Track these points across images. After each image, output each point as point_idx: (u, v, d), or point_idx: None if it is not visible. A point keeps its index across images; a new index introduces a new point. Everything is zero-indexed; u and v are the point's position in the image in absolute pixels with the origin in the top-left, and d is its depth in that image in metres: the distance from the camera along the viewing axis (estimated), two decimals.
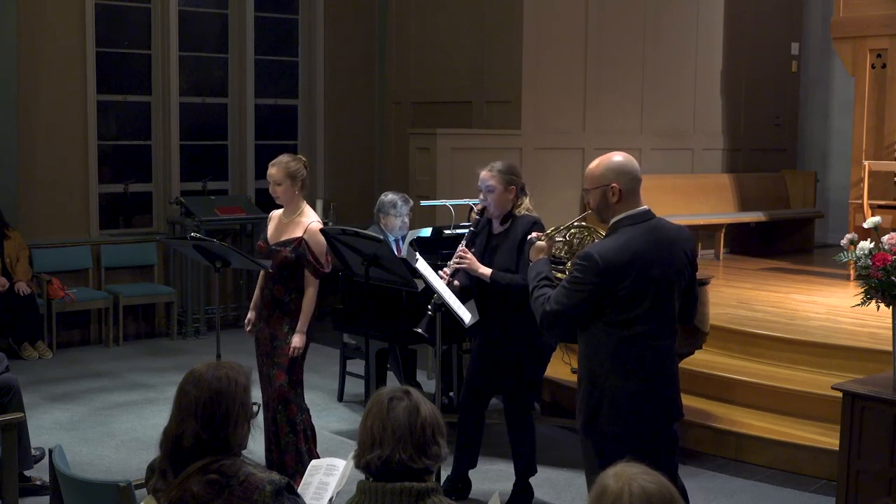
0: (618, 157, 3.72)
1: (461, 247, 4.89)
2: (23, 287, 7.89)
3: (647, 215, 3.69)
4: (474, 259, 4.85)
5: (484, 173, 4.90)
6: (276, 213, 5.32)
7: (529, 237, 4.02)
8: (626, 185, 3.64)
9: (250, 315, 5.35)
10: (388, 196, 6.49)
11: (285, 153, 5.31)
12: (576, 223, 4.01)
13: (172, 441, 2.67)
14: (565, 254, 3.99)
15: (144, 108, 9.33)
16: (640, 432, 3.68)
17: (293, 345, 5.06)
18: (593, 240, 3.94)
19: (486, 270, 4.82)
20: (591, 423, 3.73)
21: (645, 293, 3.60)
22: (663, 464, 3.72)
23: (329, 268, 5.17)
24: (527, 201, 4.97)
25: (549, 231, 4.03)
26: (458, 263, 4.85)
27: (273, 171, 5.12)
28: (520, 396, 5.06)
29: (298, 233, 5.09)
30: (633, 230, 3.63)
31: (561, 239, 3.98)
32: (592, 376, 3.71)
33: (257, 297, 5.33)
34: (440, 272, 4.90)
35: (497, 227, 4.96)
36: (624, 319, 3.61)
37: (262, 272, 5.35)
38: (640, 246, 3.60)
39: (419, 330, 4.85)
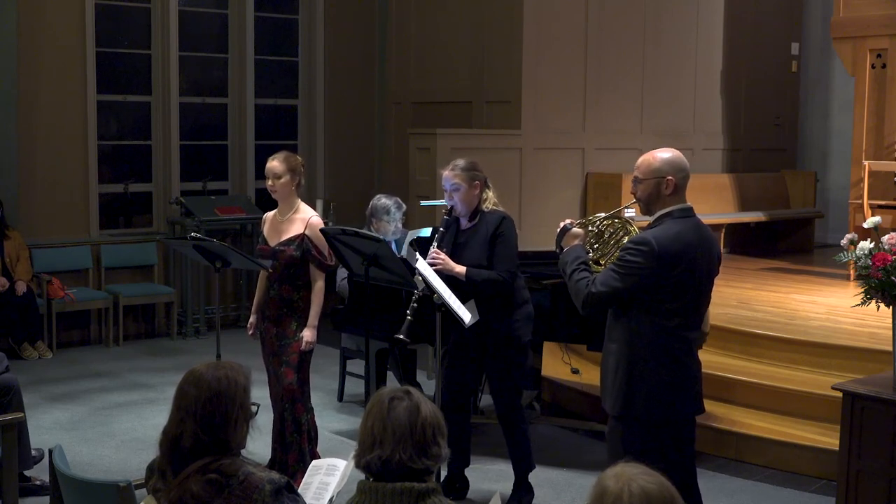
0: (672, 152, 3.87)
1: (433, 249, 4.86)
2: (21, 286, 7.89)
3: (692, 212, 3.87)
4: (448, 259, 4.83)
5: (447, 173, 4.89)
6: (269, 215, 5.31)
7: (563, 223, 4.05)
8: (680, 181, 3.81)
9: (252, 318, 5.35)
10: (381, 201, 6.40)
11: (283, 151, 5.30)
12: (616, 214, 4.07)
13: (172, 441, 2.67)
14: (589, 245, 4.04)
15: (144, 108, 9.32)
16: (674, 421, 3.84)
17: (305, 339, 5.05)
18: (627, 232, 4.01)
19: (461, 268, 4.81)
20: (626, 408, 3.82)
21: (689, 286, 3.75)
22: (685, 454, 3.85)
23: (333, 261, 5.17)
24: (491, 195, 4.97)
25: (585, 219, 4.09)
26: (431, 265, 4.83)
27: (275, 163, 5.10)
28: (507, 392, 5.03)
29: (299, 230, 5.09)
30: (683, 223, 3.78)
31: (593, 229, 4.05)
32: (630, 363, 3.80)
33: (259, 300, 5.32)
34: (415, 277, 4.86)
35: (465, 224, 4.96)
36: (667, 309, 3.74)
37: (261, 273, 5.35)
38: (691, 239, 3.75)
39: (401, 336, 4.72)
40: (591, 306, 3.81)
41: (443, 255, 4.84)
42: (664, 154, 3.85)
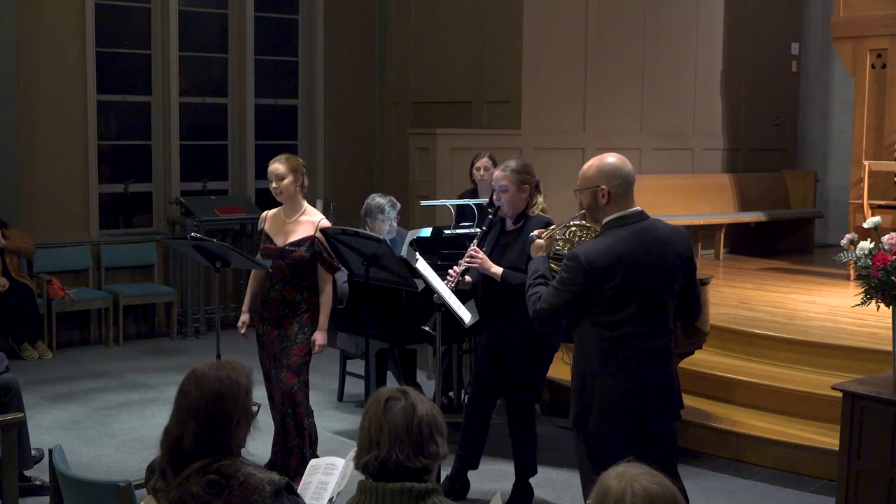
0: (611, 158, 3.77)
1: (473, 246, 4.88)
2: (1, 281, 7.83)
3: (638, 217, 3.72)
4: (486, 258, 4.84)
5: (497, 173, 4.89)
6: (270, 214, 5.29)
7: (531, 235, 4.04)
8: (615, 188, 3.70)
9: (244, 317, 5.35)
10: (375, 200, 6.41)
11: (284, 153, 5.31)
12: (573, 223, 4.03)
13: (173, 440, 2.67)
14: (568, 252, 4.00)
15: (144, 108, 9.32)
16: (629, 433, 3.70)
17: (318, 342, 5.10)
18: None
19: (498, 269, 4.80)
20: (581, 421, 3.76)
21: (631, 295, 3.64)
22: (657, 464, 3.74)
23: (338, 263, 5.18)
24: (541, 200, 4.96)
25: (549, 229, 4.05)
26: (469, 262, 4.85)
27: (276, 165, 5.11)
28: (523, 396, 5.05)
29: (309, 231, 5.10)
30: (620, 232, 3.67)
31: (562, 237, 4.01)
32: (583, 375, 3.75)
33: (250, 299, 5.34)
34: (450, 270, 4.90)
35: (510, 225, 4.95)
36: (611, 321, 3.65)
37: (253, 274, 5.36)
38: (626, 248, 3.63)
39: (427, 328, 4.86)
40: (537, 322, 3.77)
41: (482, 254, 4.84)
42: (601, 161, 3.75)
